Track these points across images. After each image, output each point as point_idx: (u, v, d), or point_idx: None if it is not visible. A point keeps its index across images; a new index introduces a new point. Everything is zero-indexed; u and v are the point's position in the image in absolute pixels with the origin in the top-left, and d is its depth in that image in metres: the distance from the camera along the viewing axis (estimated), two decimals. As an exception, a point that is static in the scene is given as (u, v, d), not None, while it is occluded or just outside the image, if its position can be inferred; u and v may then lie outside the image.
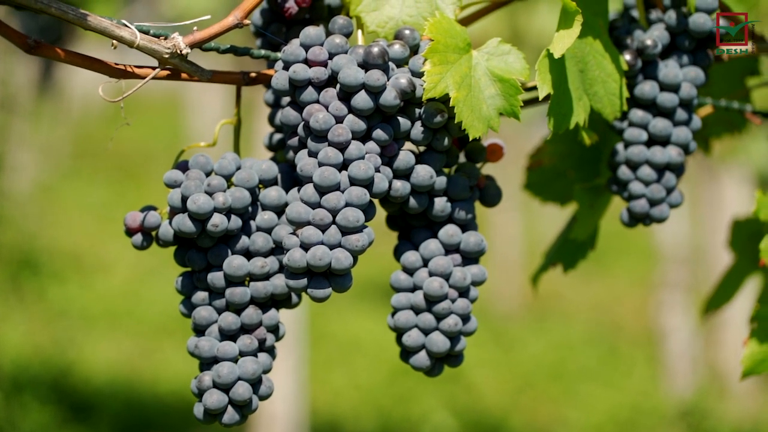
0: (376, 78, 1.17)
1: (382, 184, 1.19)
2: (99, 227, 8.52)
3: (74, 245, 7.69)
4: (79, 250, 7.51)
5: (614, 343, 6.90)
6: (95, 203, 9.24)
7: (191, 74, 1.21)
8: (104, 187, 9.72)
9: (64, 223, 8.29)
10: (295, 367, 4.65)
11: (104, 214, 8.87)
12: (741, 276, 1.62)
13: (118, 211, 8.77)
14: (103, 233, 8.20)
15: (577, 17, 1.18)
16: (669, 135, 1.32)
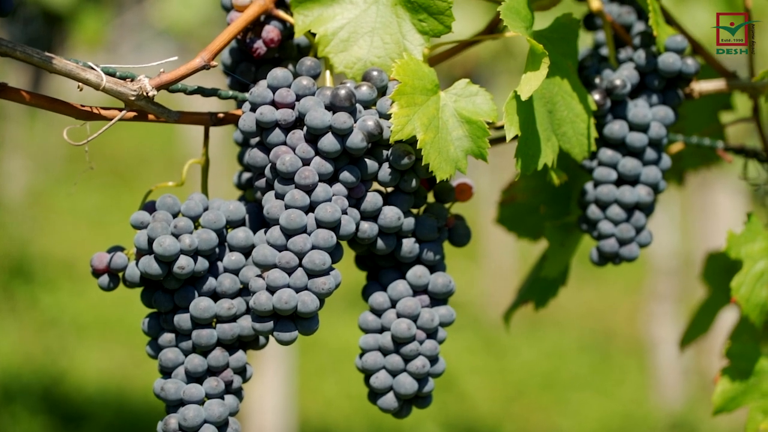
0: (342, 121, 1.17)
1: (349, 226, 1.19)
2: (92, 233, 8.51)
3: (67, 252, 7.68)
4: (72, 257, 7.50)
5: (606, 350, 6.90)
6: (89, 208, 9.24)
7: (158, 116, 1.21)
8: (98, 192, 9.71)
9: (57, 229, 8.28)
10: (285, 377, 4.65)
11: (98, 220, 8.87)
12: (715, 308, 1.62)
13: (112, 216, 8.77)
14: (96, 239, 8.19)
15: (544, 59, 1.18)
16: (638, 174, 1.32)
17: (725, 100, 1.54)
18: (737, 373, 1.38)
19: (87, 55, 4.50)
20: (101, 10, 4.22)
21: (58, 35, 4.23)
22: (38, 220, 7.81)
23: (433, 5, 1.22)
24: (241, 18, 1.24)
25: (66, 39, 4.27)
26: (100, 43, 4.17)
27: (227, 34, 1.22)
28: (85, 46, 4.12)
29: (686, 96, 1.36)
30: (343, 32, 1.24)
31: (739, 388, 1.38)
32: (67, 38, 4.25)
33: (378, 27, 1.24)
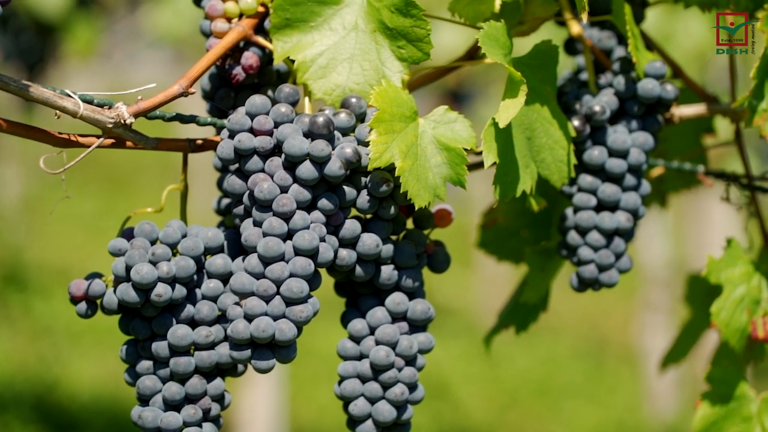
0: (320, 148, 1.17)
1: (327, 253, 1.19)
2: (87, 239, 8.50)
3: (61, 259, 7.67)
4: (67, 264, 7.49)
5: (601, 358, 6.90)
6: (84, 214, 9.23)
7: (136, 143, 1.21)
8: (94, 197, 9.70)
9: (52, 236, 8.28)
10: (277, 385, 4.65)
11: (93, 225, 8.86)
12: (698, 331, 1.61)
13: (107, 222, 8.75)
14: (91, 246, 8.18)
15: (522, 87, 1.18)
16: (618, 200, 1.32)
17: (707, 123, 1.54)
18: (718, 397, 1.38)
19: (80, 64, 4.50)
20: (93, 20, 4.22)
21: (50, 45, 4.23)
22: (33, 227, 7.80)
23: (411, 32, 1.22)
24: (219, 45, 1.24)
25: (58, 49, 4.26)
26: (92, 53, 4.17)
27: (206, 61, 1.22)
28: (78, 56, 4.11)
29: (666, 121, 1.36)
30: (322, 59, 1.24)
31: (719, 413, 1.38)
32: (59, 48, 4.24)
33: (357, 54, 1.24)
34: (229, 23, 1.25)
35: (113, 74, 8.20)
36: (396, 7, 1.22)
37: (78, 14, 4.12)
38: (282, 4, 1.23)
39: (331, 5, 1.24)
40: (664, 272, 5.26)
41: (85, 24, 4.12)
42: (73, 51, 4.11)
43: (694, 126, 1.54)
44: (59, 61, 4.39)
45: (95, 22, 4.22)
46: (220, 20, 1.25)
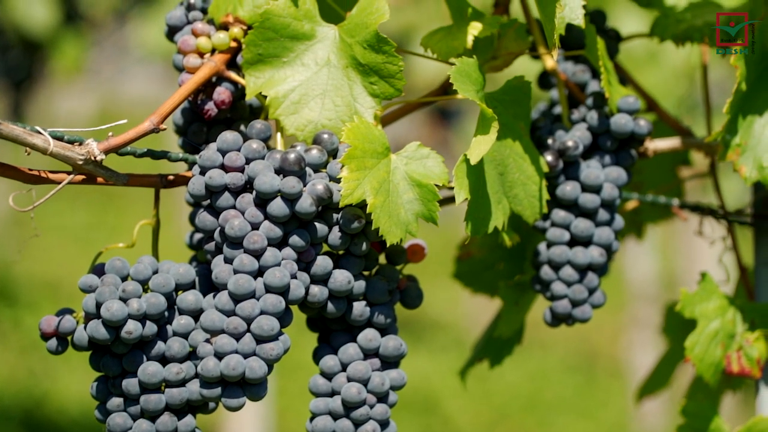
0: (291, 185, 1.17)
1: (299, 290, 1.19)
2: (78, 252, 8.48)
3: (52, 272, 7.65)
4: (57, 278, 7.47)
5: (591, 372, 6.89)
6: (75, 226, 9.21)
7: (107, 179, 1.20)
8: (84, 210, 9.68)
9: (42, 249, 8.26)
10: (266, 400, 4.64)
11: (84, 238, 8.84)
12: (674, 362, 1.61)
13: (98, 234, 8.74)
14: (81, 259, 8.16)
15: (493, 124, 1.18)
16: (591, 235, 1.32)
17: (683, 155, 1.55)
18: (692, 431, 1.38)
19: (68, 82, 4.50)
20: (81, 36, 4.21)
21: (38, 63, 4.23)
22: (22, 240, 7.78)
23: (384, 69, 1.22)
24: (191, 80, 1.24)
25: (46, 67, 4.26)
26: (80, 70, 4.17)
27: (177, 97, 1.22)
28: (65, 73, 4.11)
29: (641, 155, 1.36)
30: (294, 94, 1.24)
31: (694, 447, 1.38)
32: (47, 66, 4.24)
33: (329, 89, 1.24)
34: (201, 58, 1.25)
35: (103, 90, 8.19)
36: (368, 44, 1.22)
37: (65, 31, 4.12)
38: (254, 40, 1.23)
39: (303, 41, 1.24)
40: (651, 288, 5.26)
41: (72, 41, 4.12)
42: (60, 68, 4.11)
43: (671, 157, 1.54)
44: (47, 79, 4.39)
45: (83, 38, 4.22)
46: (193, 55, 1.25)
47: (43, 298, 7.03)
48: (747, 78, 1.29)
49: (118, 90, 8.64)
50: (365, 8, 1.23)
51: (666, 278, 5.80)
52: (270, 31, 1.23)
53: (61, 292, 7.44)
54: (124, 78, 7.34)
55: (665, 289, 5.47)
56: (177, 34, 1.28)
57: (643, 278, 5.27)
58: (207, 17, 1.28)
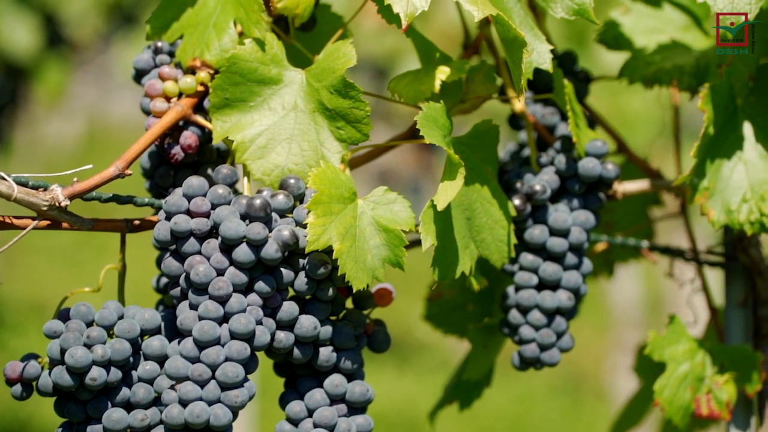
0: (257, 232, 1.16)
1: (264, 337, 1.18)
2: (65, 272, 8.46)
3: (38, 293, 7.62)
4: (43, 299, 7.44)
5: (577, 394, 6.88)
6: (62, 246, 9.18)
7: (72, 224, 1.20)
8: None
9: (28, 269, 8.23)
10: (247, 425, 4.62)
11: (71, 258, 8.81)
12: (647, 401, 1.61)
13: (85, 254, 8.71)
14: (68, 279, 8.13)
15: (460, 170, 1.18)
16: (559, 279, 1.32)
17: (654, 195, 1.55)
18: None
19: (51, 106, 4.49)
20: (64, 61, 4.21)
21: (21, 87, 4.22)
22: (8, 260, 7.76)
23: (350, 114, 1.22)
24: (158, 125, 1.23)
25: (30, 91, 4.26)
26: (62, 95, 4.17)
27: (144, 142, 1.22)
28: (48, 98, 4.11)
29: (609, 197, 1.36)
30: (261, 139, 1.24)
31: (664, 489, 1.38)
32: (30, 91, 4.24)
33: (296, 134, 1.24)
34: (168, 102, 1.25)
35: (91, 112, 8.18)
36: (335, 89, 1.22)
37: (48, 55, 4.12)
38: (221, 84, 1.23)
39: (270, 85, 1.24)
40: (635, 312, 5.27)
41: (55, 65, 4.12)
42: (43, 93, 4.10)
43: (642, 197, 1.54)
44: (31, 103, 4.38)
45: (66, 62, 4.22)
46: (159, 99, 1.25)
47: (29, 320, 7.00)
48: (715, 122, 1.29)
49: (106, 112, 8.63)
50: (332, 53, 1.23)
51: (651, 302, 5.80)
52: (237, 75, 1.23)
53: (47, 314, 7.41)
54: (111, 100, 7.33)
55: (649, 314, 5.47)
56: (144, 77, 1.28)
57: (627, 302, 5.27)
58: (174, 61, 1.27)
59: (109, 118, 9.12)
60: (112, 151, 12.37)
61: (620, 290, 5.20)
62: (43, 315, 7.40)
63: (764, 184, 1.30)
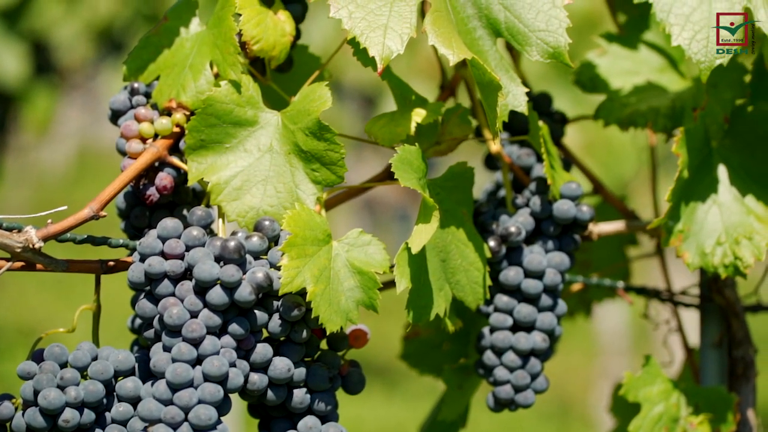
0: (230, 274, 1.17)
1: (237, 379, 1.18)
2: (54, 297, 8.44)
3: (26, 318, 7.60)
4: (31, 324, 7.43)
5: (565, 419, 6.87)
6: (52, 269, 9.14)
7: (46, 266, 1.20)
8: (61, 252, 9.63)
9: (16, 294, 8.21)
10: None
11: (59, 282, 8.79)
12: (623, 441, 1.61)
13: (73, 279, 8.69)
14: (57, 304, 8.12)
15: (434, 213, 1.18)
16: (534, 321, 1.32)
17: (631, 235, 1.55)
18: None
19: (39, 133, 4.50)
20: (53, 88, 4.22)
21: (10, 114, 4.23)
22: (0, 283, 7.74)
23: (326, 156, 1.22)
24: (133, 166, 1.24)
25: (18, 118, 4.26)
26: (50, 122, 4.17)
27: (118, 183, 1.22)
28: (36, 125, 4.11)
29: (585, 238, 1.37)
30: (237, 180, 1.24)
31: None
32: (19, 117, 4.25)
33: (272, 176, 1.24)
34: (144, 143, 1.25)
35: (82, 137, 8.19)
36: (310, 131, 1.22)
37: (36, 83, 4.13)
38: (197, 126, 1.23)
39: (246, 127, 1.24)
40: (622, 341, 5.27)
41: (43, 93, 4.12)
42: (31, 120, 4.11)
43: (619, 237, 1.55)
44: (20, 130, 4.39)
45: (54, 90, 4.22)
46: (135, 141, 1.25)
47: (17, 345, 6.97)
48: (689, 165, 1.30)
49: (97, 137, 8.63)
50: (308, 95, 1.24)
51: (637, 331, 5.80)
52: (212, 117, 1.23)
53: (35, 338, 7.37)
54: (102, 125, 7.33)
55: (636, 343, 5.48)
56: (120, 118, 1.29)
57: (613, 331, 5.28)
58: (150, 102, 1.28)
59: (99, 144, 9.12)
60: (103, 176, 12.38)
61: (606, 319, 5.21)
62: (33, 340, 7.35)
63: (738, 227, 1.31)
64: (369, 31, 1.18)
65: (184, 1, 1.30)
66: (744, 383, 1.43)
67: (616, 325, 5.31)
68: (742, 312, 1.44)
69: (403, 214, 6.30)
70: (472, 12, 1.24)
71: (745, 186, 1.34)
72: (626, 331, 5.42)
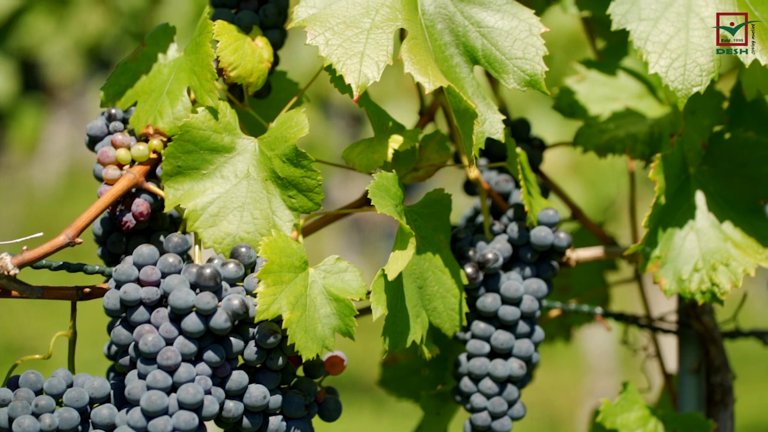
0: (206, 301, 1.16)
1: (213, 406, 1.18)
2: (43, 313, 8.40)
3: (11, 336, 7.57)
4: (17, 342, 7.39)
5: (554, 439, 6.86)
6: (41, 285, 9.11)
7: (21, 293, 1.20)
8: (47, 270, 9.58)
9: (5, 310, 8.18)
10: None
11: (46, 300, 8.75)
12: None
13: (63, 294, 8.65)
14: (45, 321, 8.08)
15: (411, 240, 1.18)
16: (511, 348, 1.32)
17: (610, 260, 1.55)
18: None
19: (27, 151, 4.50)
20: (40, 106, 4.22)
21: (0, 132, 4.23)
22: (-15, 302, 7.70)
23: (302, 183, 1.22)
24: (109, 192, 1.23)
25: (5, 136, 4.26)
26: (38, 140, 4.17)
27: (95, 209, 1.22)
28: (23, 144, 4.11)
29: (563, 264, 1.36)
30: (213, 207, 1.24)
31: None
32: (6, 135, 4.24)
33: (248, 202, 1.24)
34: (120, 170, 1.25)
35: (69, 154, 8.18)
36: (287, 157, 1.22)
37: (24, 101, 4.13)
38: (174, 152, 1.23)
39: (223, 153, 1.24)
40: (609, 361, 5.27)
41: (31, 111, 4.12)
42: (19, 139, 4.11)
43: (598, 262, 1.55)
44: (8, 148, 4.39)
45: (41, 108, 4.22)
46: (112, 167, 1.25)
47: (4, 363, 6.95)
48: (666, 191, 1.30)
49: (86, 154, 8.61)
50: (285, 122, 1.24)
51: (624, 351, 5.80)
52: (189, 143, 1.23)
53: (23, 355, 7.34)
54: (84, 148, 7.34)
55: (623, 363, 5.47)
56: (98, 144, 1.28)
57: (601, 350, 5.27)
58: (128, 128, 1.28)
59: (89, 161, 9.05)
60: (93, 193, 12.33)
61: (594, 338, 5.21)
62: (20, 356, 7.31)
63: (715, 253, 1.31)
64: (346, 59, 1.18)
65: (161, 27, 1.30)
66: (722, 410, 1.43)
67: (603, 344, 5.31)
68: (720, 338, 1.44)
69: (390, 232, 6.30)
70: (449, 39, 1.24)
71: (723, 212, 1.34)
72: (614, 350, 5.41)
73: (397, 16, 1.22)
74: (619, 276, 1.58)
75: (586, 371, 5.66)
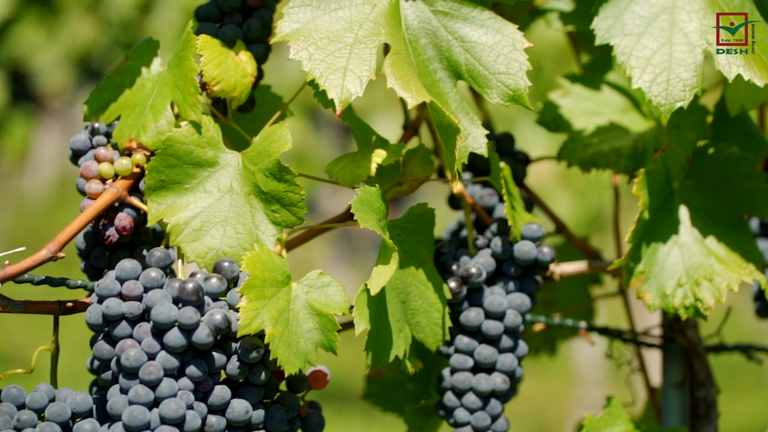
0: (188, 316, 1.16)
1: (195, 421, 1.18)
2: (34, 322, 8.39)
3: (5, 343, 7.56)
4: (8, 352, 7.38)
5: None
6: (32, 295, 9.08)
7: (3, 307, 1.19)
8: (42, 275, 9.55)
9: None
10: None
11: (39, 308, 8.73)
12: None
13: (54, 303, 8.64)
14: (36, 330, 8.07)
15: (393, 255, 1.18)
16: (494, 362, 1.32)
17: (595, 274, 1.55)
18: None
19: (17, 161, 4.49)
20: (29, 117, 4.21)
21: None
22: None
23: (285, 197, 1.22)
24: (92, 207, 1.23)
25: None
26: (27, 151, 4.17)
27: (77, 224, 1.22)
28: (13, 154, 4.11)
29: (547, 278, 1.37)
30: (196, 221, 1.24)
31: None
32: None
33: (231, 217, 1.24)
34: (103, 184, 1.25)
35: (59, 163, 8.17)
36: (270, 172, 1.22)
37: (13, 111, 4.12)
38: (157, 166, 1.23)
39: (206, 167, 1.24)
40: (597, 372, 5.27)
41: (20, 122, 4.12)
42: (8, 149, 4.10)
43: (582, 276, 1.55)
44: None
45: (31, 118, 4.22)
46: (95, 181, 1.25)
47: (-6, 371, 6.92)
48: (650, 206, 1.30)
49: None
50: (268, 137, 1.24)
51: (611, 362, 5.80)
52: (173, 157, 1.23)
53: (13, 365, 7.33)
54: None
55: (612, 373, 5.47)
56: (81, 158, 1.28)
57: (591, 360, 5.28)
58: (111, 142, 1.28)
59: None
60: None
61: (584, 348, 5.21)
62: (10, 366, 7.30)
63: (699, 268, 1.31)
64: (328, 74, 1.18)
65: (145, 42, 1.31)
66: (706, 424, 1.43)
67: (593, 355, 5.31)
68: (704, 352, 1.44)
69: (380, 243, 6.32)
70: (432, 54, 1.24)
71: (707, 227, 1.34)
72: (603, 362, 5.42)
73: (381, 31, 1.22)
74: (604, 290, 1.58)
75: (576, 381, 5.67)
